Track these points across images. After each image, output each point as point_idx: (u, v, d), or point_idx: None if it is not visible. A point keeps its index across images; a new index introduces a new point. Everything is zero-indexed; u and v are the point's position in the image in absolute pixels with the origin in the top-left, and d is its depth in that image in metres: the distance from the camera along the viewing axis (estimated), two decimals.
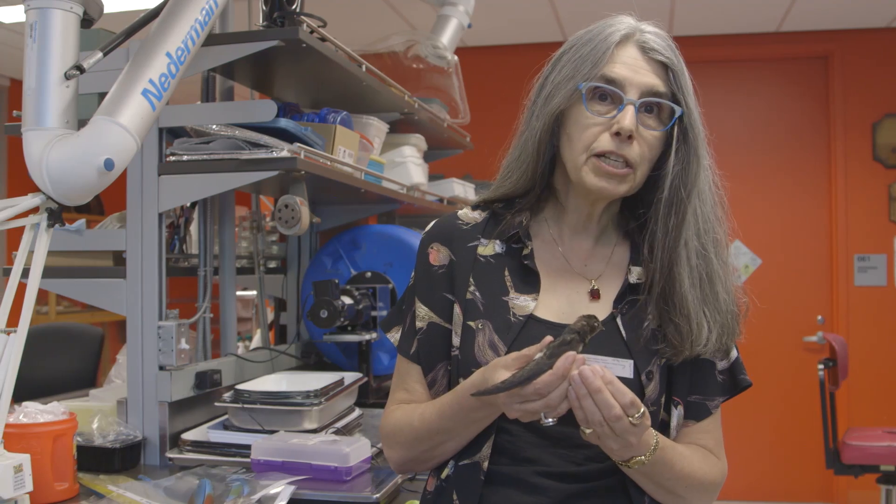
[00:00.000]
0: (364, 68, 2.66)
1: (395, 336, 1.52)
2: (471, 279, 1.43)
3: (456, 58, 3.60)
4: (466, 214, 1.52)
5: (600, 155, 1.34)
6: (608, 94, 1.34)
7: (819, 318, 5.62)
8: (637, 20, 1.41)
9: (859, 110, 5.57)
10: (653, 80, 1.35)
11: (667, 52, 1.37)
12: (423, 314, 1.47)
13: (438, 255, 1.48)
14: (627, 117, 1.32)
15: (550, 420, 1.22)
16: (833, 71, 5.62)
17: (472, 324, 1.40)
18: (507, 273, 1.43)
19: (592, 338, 1.28)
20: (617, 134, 1.32)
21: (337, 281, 2.55)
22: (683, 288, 1.35)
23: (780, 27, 5.57)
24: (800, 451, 5.55)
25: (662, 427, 1.38)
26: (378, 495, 1.82)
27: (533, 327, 1.36)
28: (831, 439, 4.53)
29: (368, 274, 2.82)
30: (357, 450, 1.96)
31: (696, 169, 1.36)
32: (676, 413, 1.39)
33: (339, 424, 2.25)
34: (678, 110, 1.35)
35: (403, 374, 1.50)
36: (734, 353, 1.44)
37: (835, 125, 5.61)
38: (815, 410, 4.93)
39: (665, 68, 1.37)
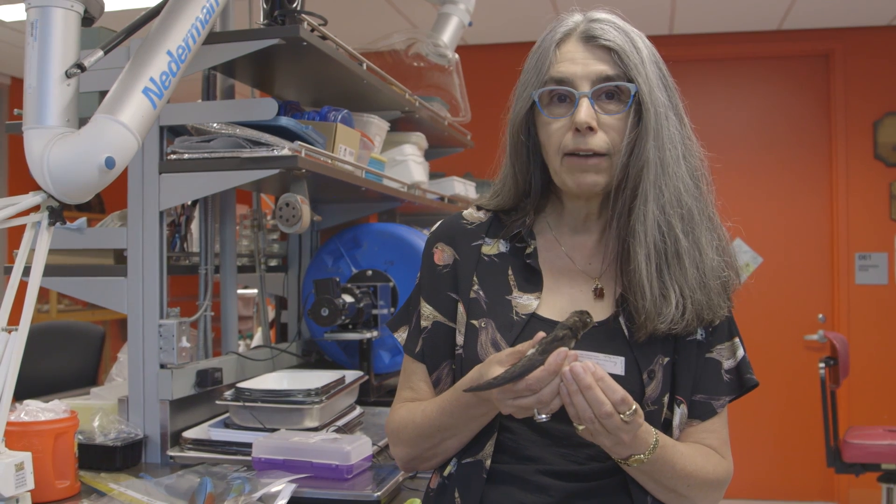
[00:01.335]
0: (365, 66, 2.65)
1: (402, 336, 1.53)
2: (475, 278, 1.44)
3: (457, 56, 3.60)
4: (471, 214, 1.53)
5: (571, 154, 1.35)
6: (563, 93, 1.35)
7: (820, 316, 5.62)
8: (585, 13, 1.41)
9: (860, 108, 5.57)
10: (600, 67, 1.34)
11: (608, 36, 1.36)
12: (428, 313, 1.48)
13: (443, 255, 1.49)
14: (582, 111, 1.32)
15: (544, 416, 1.22)
16: (834, 69, 5.62)
17: (475, 322, 1.41)
18: (510, 272, 1.44)
19: (595, 336, 1.28)
20: (578, 130, 1.32)
21: (338, 279, 2.55)
22: (636, 264, 1.33)
23: (780, 25, 5.57)
24: (801, 449, 5.56)
25: (665, 425, 1.37)
26: (379, 493, 1.82)
27: (535, 326, 1.36)
28: (832, 438, 4.53)
29: (369, 272, 2.82)
30: (358, 448, 1.96)
31: (648, 144, 1.33)
32: (679, 412, 1.38)
33: (340, 423, 2.26)
34: (632, 88, 1.34)
35: (409, 373, 1.52)
36: (741, 352, 1.43)
37: (836, 123, 5.61)
38: (816, 409, 4.93)
39: (611, 52, 1.35)
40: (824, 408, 4.53)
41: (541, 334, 1.23)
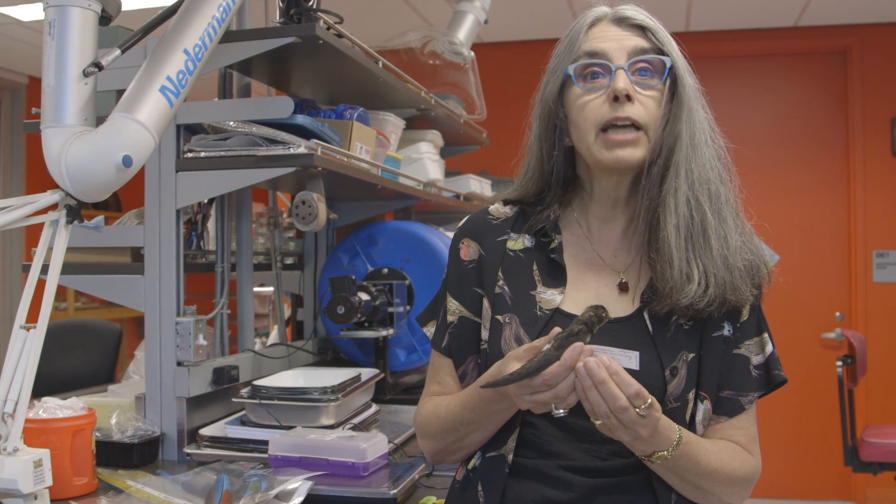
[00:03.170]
0: (381, 64, 2.66)
1: (430, 330, 1.55)
2: (500, 273, 1.45)
3: (472, 54, 3.59)
4: (497, 209, 1.54)
5: (606, 128, 1.35)
6: (597, 68, 1.36)
7: (837, 314, 5.59)
8: (611, 5, 1.43)
9: (878, 106, 5.53)
10: (635, 41, 1.37)
11: (640, 16, 1.39)
12: (454, 308, 1.49)
13: (468, 251, 1.50)
14: (620, 80, 1.33)
15: (561, 411, 1.23)
16: (852, 66, 5.58)
17: (499, 318, 1.41)
18: (535, 267, 1.44)
19: (618, 331, 1.29)
20: (616, 99, 1.33)
21: (354, 277, 2.56)
22: (666, 232, 1.34)
23: (797, 22, 5.54)
24: (818, 448, 5.53)
25: (689, 421, 1.37)
26: (395, 491, 1.82)
27: (559, 321, 1.36)
28: (850, 436, 4.51)
29: (385, 270, 2.83)
30: (374, 445, 1.96)
31: (682, 116, 1.35)
32: (702, 408, 1.37)
33: (356, 420, 2.26)
34: (668, 61, 1.36)
35: (436, 368, 1.53)
36: (769, 348, 1.42)
37: (853, 121, 5.57)
38: (833, 407, 4.91)
39: (643, 30, 1.38)
40: (842, 406, 4.51)
41: (556, 329, 1.24)
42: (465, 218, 1.56)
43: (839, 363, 4.55)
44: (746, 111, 5.72)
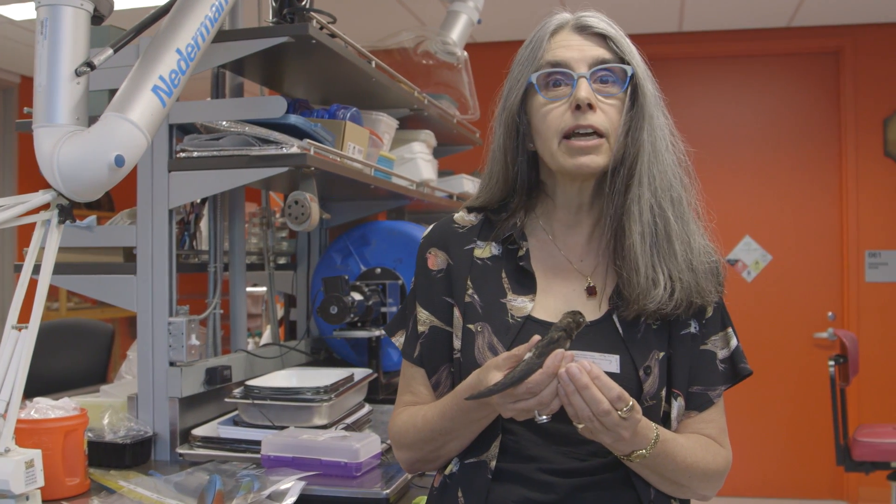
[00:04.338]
0: (374, 64, 2.65)
1: (399, 340, 1.55)
2: (469, 282, 1.45)
3: (465, 53, 3.59)
4: (462, 217, 1.54)
5: (569, 135, 1.36)
6: (559, 77, 1.38)
7: (830, 314, 5.60)
8: (572, 11, 1.45)
9: (870, 106, 5.55)
10: (596, 50, 1.39)
11: (601, 25, 1.41)
12: (425, 318, 1.49)
13: (436, 260, 1.51)
14: (583, 88, 1.35)
15: (544, 417, 1.24)
16: (844, 66, 5.59)
17: (471, 326, 1.42)
18: (504, 275, 1.45)
19: (589, 334, 1.31)
20: (578, 108, 1.35)
21: (347, 277, 2.56)
22: (632, 241, 1.36)
23: (790, 22, 5.55)
24: (810, 447, 5.54)
25: (664, 419, 1.39)
26: (388, 491, 1.82)
27: (531, 328, 1.37)
28: (842, 436, 4.52)
29: (378, 270, 2.83)
30: (367, 446, 1.96)
31: (644, 125, 1.38)
32: (676, 405, 1.40)
33: (349, 420, 2.26)
34: (629, 70, 1.38)
35: (409, 378, 1.53)
36: (734, 342, 1.45)
37: (846, 121, 5.59)
38: (825, 407, 4.92)
39: (604, 38, 1.40)
40: (834, 406, 4.52)
41: (536, 337, 1.24)
42: (430, 227, 1.56)
43: (831, 363, 4.56)
44: (739, 111, 5.74)
